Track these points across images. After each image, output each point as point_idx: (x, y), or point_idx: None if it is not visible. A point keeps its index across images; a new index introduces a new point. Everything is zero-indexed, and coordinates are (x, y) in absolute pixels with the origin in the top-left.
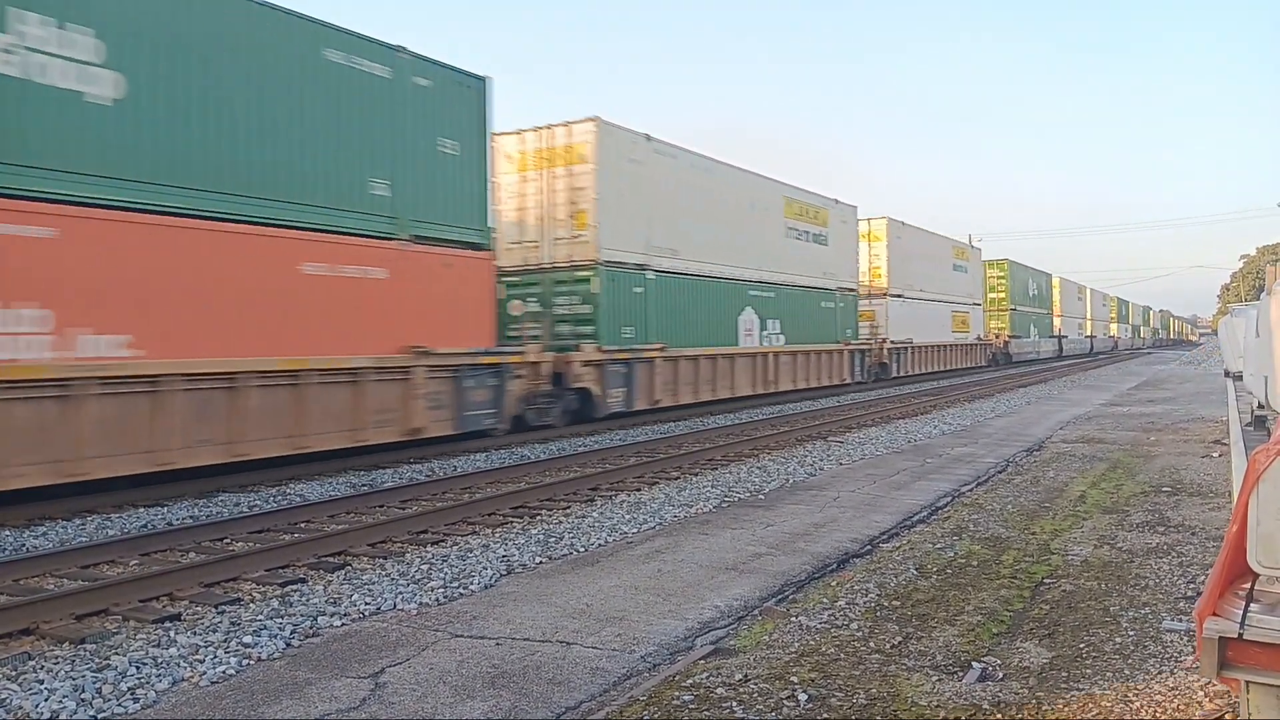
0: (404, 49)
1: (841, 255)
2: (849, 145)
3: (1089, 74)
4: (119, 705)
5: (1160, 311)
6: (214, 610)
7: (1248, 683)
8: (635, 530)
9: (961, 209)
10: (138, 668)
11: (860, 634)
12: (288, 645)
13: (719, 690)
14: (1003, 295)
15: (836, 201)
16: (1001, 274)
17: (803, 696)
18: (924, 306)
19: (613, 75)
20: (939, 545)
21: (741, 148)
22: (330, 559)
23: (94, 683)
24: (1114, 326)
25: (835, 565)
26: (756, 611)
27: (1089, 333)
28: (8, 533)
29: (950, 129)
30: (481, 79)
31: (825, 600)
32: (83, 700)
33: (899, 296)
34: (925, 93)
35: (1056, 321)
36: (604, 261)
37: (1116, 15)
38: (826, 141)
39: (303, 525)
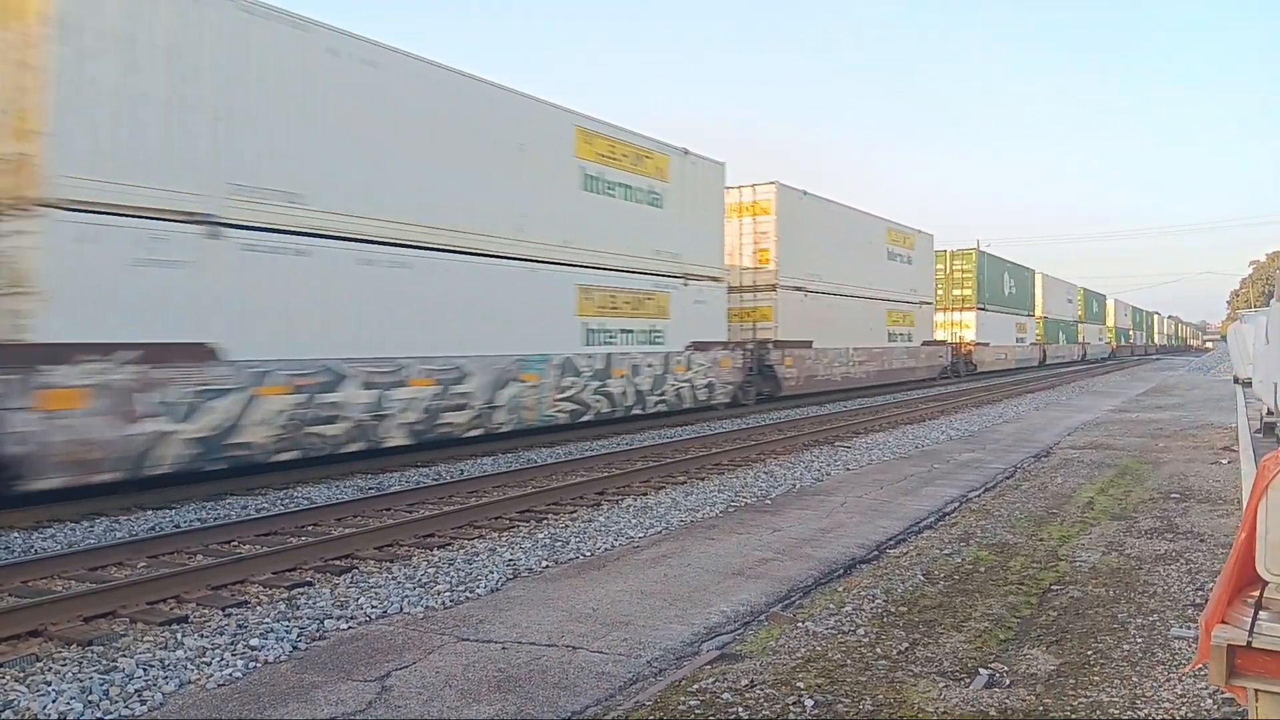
0: None
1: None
2: (853, 148)
3: (1097, 78)
4: (126, 707)
5: (1119, 302)
6: (221, 613)
7: (1256, 691)
8: (642, 535)
9: (966, 214)
10: (145, 670)
11: (867, 640)
12: (294, 648)
13: (725, 696)
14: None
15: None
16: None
17: (809, 702)
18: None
19: (594, 70)
20: (946, 551)
21: (741, 155)
22: (337, 562)
23: (101, 684)
24: (965, 319)
25: (842, 571)
26: (763, 617)
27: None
28: (16, 534)
29: (957, 133)
30: None
31: (832, 606)
32: (89, 702)
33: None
34: (927, 99)
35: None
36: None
37: (1127, 17)
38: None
39: (310, 528)
